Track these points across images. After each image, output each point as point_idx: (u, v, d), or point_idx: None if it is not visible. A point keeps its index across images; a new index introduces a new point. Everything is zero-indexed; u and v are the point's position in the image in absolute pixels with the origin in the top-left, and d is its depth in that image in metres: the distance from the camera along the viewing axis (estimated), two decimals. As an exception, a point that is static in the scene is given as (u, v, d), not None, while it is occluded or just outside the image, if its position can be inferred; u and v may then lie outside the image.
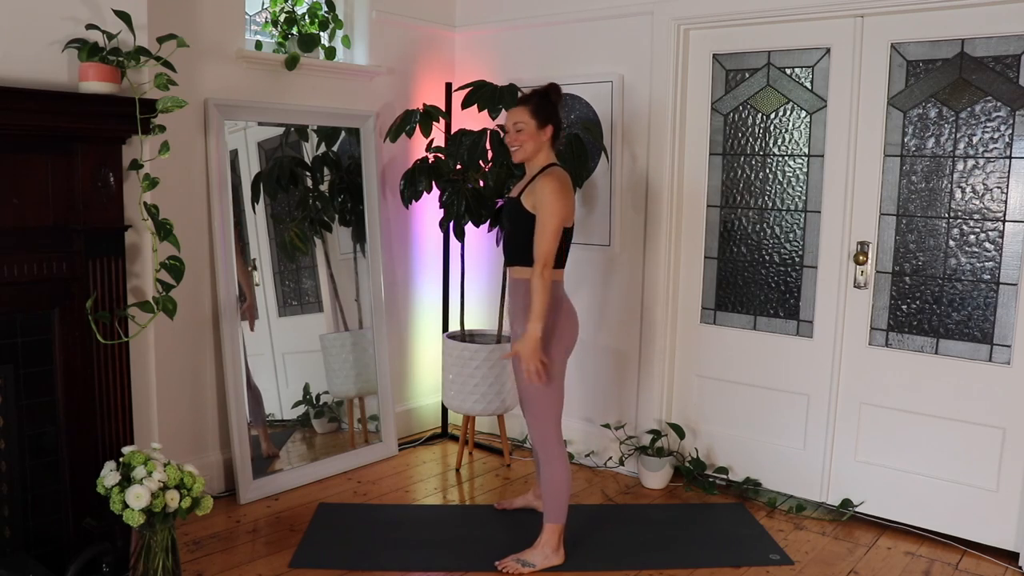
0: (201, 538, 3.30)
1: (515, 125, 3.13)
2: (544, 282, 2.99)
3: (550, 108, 3.15)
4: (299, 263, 4.01)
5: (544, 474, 3.15)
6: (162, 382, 3.25)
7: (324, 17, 4.03)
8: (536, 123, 3.12)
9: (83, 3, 2.71)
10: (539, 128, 3.12)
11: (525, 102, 3.16)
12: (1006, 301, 3.27)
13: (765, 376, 3.84)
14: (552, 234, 3.01)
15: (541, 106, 3.13)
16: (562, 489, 3.13)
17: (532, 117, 3.12)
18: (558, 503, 3.13)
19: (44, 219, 2.66)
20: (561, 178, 3.08)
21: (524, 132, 3.12)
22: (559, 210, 3.01)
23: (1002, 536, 3.30)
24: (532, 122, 3.12)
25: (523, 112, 3.13)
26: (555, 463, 3.13)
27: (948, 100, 3.33)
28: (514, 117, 3.14)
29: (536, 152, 3.14)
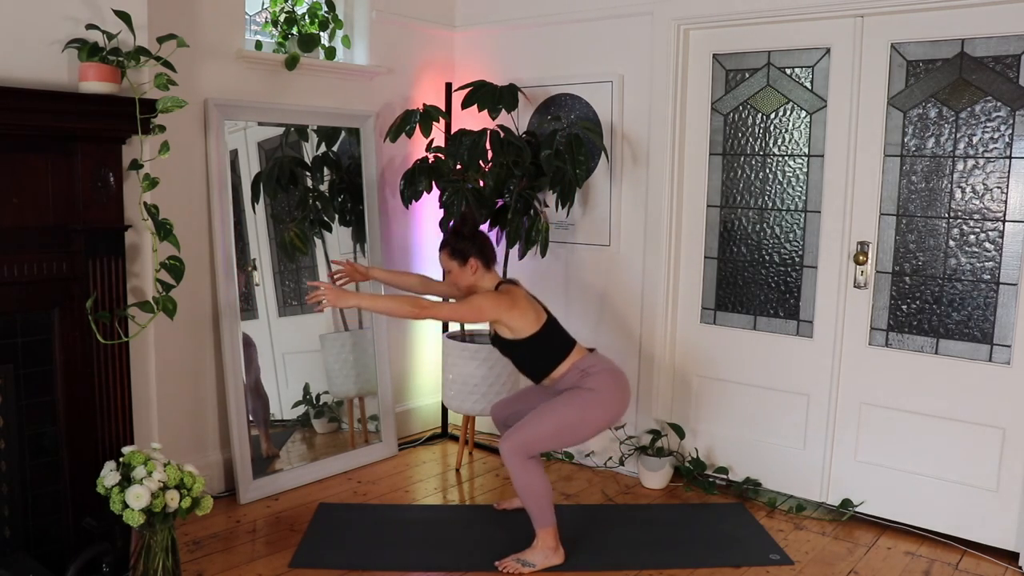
0: (201, 538, 3.30)
1: (445, 269, 3.30)
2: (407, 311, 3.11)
3: (466, 243, 3.26)
4: (299, 263, 4.01)
5: (518, 485, 3.12)
6: (162, 382, 3.25)
7: (324, 17, 4.03)
8: (457, 263, 3.26)
9: (83, 3, 2.71)
10: (462, 267, 3.26)
11: (442, 247, 3.30)
12: (1006, 301, 3.27)
13: (765, 376, 3.84)
14: (460, 314, 3.21)
15: (456, 245, 3.26)
16: (541, 494, 3.11)
17: (451, 259, 3.27)
18: (541, 509, 3.12)
19: (44, 219, 2.66)
20: (504, 293, 3.21)
21: (453, 275, 3.28)
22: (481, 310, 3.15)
23: (1002, 536, 3.30)
24: (454, 263, 3.27)
25: (443, 258, 3.30)
26: (524, 473, 3.09)
27: (948, 100, 3.33)
28: (440, 263, 3.31)
29: (477, 283, 3.27)
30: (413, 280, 3.65)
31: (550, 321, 3.26)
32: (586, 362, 3.22)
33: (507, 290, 3.24)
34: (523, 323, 3.19)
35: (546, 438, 3.12)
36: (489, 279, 3.30)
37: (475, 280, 3.27)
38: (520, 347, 3.25)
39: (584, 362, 3.22)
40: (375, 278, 3.63)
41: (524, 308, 3.20)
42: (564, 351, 3.25)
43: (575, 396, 3.15)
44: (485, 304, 3.15)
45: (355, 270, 3.56)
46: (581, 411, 3.13)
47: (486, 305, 3.15)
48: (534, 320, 3.21)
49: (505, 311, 3.16)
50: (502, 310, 3.16)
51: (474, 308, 3.16)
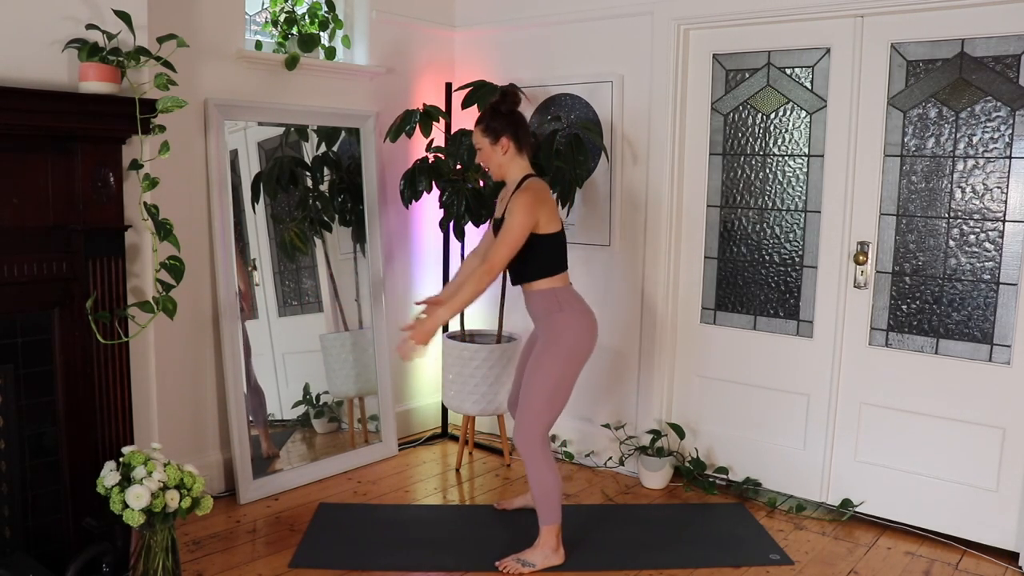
0: (201, 538, 3.30)
1: (476, 146, 3.17)
2: (478, 284, 3.00)
3: (502, 120, 3.13)
4: (299, 263, 4.01)
5: (531, 478, 3.13)
6: (162, 382, 3.25)
7: (324, 17, 4.03)
8: (489, 141, 3.14)
9: (83, 3, 2.71)
10: (493, 145, 3.13)
11: (477, 123, 3.17)
12: (1006, 301, 3.27)
13: (765, 376, 3.84)
14: (510, 245, 3.02)
15: (491, 123, 3.13)
16: (551, 490, 3.11)
17: (484, 136, 3.15)
18: (550, 504, 3.13)
19: (44, 219, 2.66)
20: (536, 188, 3.08)
21: (483, 152, 3.16)
22: (524, 223, 3.01)
23: (1002, 536, 3.30)
24: (485, 140, 3.14)
25: (476, 134, 3.17)
26: (541, 465, 3.10)
27: (948, 100, 3.33)
28: (472, 140, 3.17)
29: (506, 166, 3.16)
30: (468, 267, 3.48)
31: (561, 234, 3.16)
32: (564, 294, 3.14)
33: (530, 186, 3.09)
34: (546, 220, 3.06)
35: (542, 411, 3.10)
36: (519, 165, 3.15)
37: (504, 161, 3.14)
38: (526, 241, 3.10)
39: (562, 293, 3.14)
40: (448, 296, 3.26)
41: (549, 208, 3.08)
42: (554, 268, 3.14)
43: (543, 358, 3.09)
44: (521, 218, 2.99)
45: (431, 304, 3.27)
46: (553, 369, 3.08)
47: (522, 218, 2.99)
48: (552, 222, 3.08)
49: (539, 206, 3.03)
50: (536, 206, 3.02)
51: (517, 230, 2.99)
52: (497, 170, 3.18)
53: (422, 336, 3.03)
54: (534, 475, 3.11)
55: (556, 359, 3.10)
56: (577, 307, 3.16)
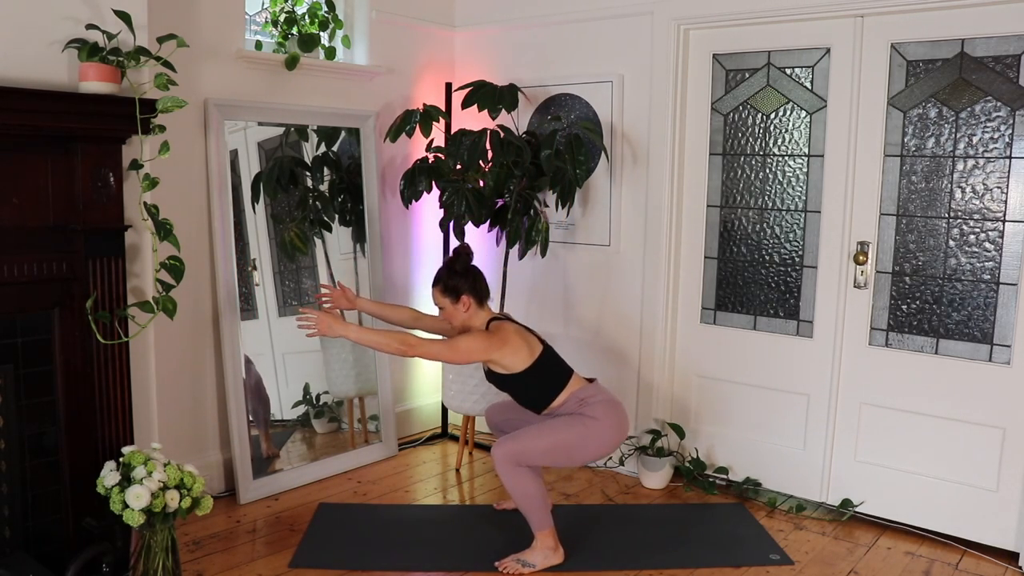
0: (201, 538, 3.30)
1: (438, 306, 3.27)
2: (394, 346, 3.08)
3: (459, 279, 3.23)
4: (299, 263, 4.01)
5: (511, 491, 3.12)
6: (162, 382, 3.24)
7: (324, 17, 4.03)
8: (450, 300, 3.23)
9: (83, 3, 2.71)
10: (455, 304, 3.23)
11: (434, 284, 3.27)
12: (1006, 301, 3.27)
13: (765, 376, 3.84)
14: (446, 355, 3.16)
15: (448, 282, 3.23)
16: (535, 497, 3.11)
17: (444, 296, 3.24)
18: (537, 512, 3.13)
19: (44, 219, 2.66)
20: (495, 332, 3.17)
21: (446, 312, 3.26)
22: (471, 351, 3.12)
23: (1002, 536, 3.30)
24: (446, 300, 3.24)
25: (435, 295, 3.27)
26: (518, 478, 3.09)
27: (948, 100, 3.33)
28: (433, 300, 3.28)
29: (468, 321, 3.24)
30: (404, 315, 3.58)
31: (545, 353, 3.23)
32: (585, 392, 3.21)
33: (497, 327, 3.19)
34: (515, 360, 3.16)
35: (539, 454, 3.10)
36: (481, 317, 3.25)
37: (468, 318, 3.23)
38: (516, 381, 3.23)
39: (583, 392, 3.21)
40: (362, 309, 3.57)
41: (516, 345, 3.15)
42: (561, 382, 3.22)
43: (575, 421, 3.13)
44: (474, 346, 3.11)
45: (343, 296, 3.51)
46: (581, 437, 3.11)
47: (475, 347, 3.12)
48: (527, 355, 3.17)
49: (496, 351, 3.13)
50: (492, 351, 3.12)
51: (463, 351, 3.12)
52: (461, 326, 3.26)
53: (325, 328, 3.10)
54: (514, 488, 3.11)
55: (588, 432, 3.12)
56: (605, 397, 3.22)
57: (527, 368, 3.17)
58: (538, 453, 3.10)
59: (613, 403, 3.21)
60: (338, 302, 3.51)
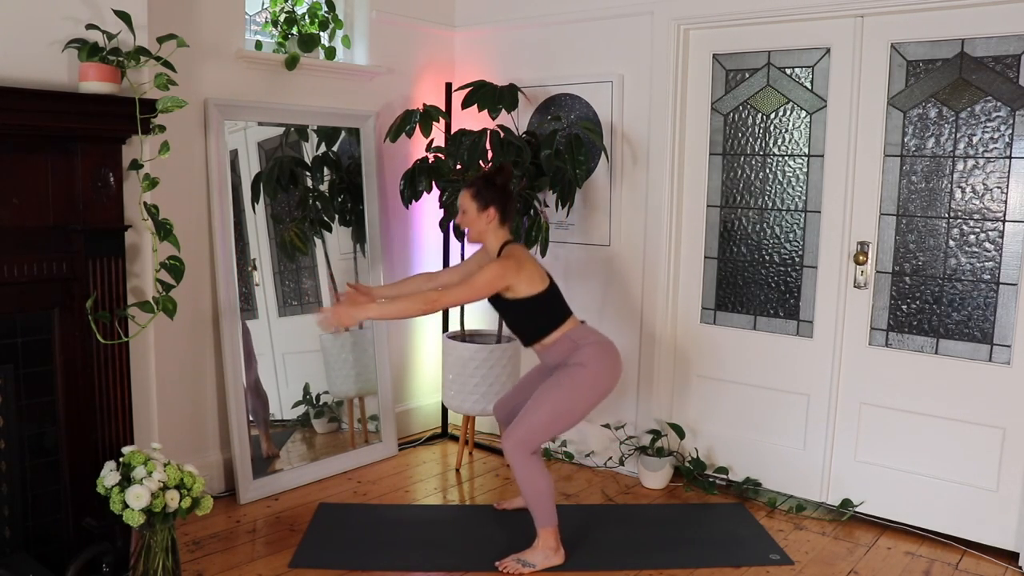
0: (201, 538, 3.30)
1: (461, 208, 3.22)
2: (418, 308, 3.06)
3: (493, 191, 3.20)
4: (299, 263, 4.01)
5: (521, 483, 3.12)
6: (162, 382, 3.25)
7: (324, 17, 4.03)
8: (477, 206, 3.19)
9: (83, 3, 2.71)
10: (480, 211, 3.19)
11: (468, 185, 3.24)
12: (1006, 301, 3.27)
13: (765, 376, 3.84)
14: (468, 295, 3.12)
15: (482, 190, 3.19)
16: (544, 493, 3.11)
17: (472, 201, 3.20)
18: (544, 507, 3.13)
19: (44, 219, 2.66)
20: (515, 257, 3.15)
21: (467, 216, 3.22)
22: (491, 282, 3.10)
23: (1002, 536, 3.30)
24: (473, 205, 3.20)
25: (465, 196, 3.22)
26: (531, 471, 3.09)
27: (948, 100, 3.33)
28: (459, 201, 3.24)
29: (484, 234, 3.22)
30: (417, 282, 3.56)
31: (552, 287, 3.22)
32: (577, 332, 3.19)
33: (511, 252, 3.18)
34: (528, 285, 3.13)
35: (544, 427, 3.10)
36: (499, 236, 3.22)
37: (486, 230, 3.20)
38: (517, 307, 3.19)
39: (575, 333, 3.19)
40: (380, 296, 3.52)
41: (530, 270, 3.15)
42: (559, 319, 3.21)
43: (563, 378, 3.12)
44: (492, 275, 3.08)
45: (359, 293, 3.47)
46: (572, 392, 3.11)
47: (492, 277, 3.08)
48: (538, 282, 3.16)
49: (513, 276, 3.10)
50: (509, 276, 3.10)
51: (483, 283, 3.08)
52: (476, 236, 3.25)
53: (345, 319, 3.11)
54: (524, 481, 3.11)
55: (577, 384, 3.12)
56: (595, 338, 3.20)
57: (534, 295, 3.15)
58: (542, 426, 3.09)
59: (603, 344, 3.20)
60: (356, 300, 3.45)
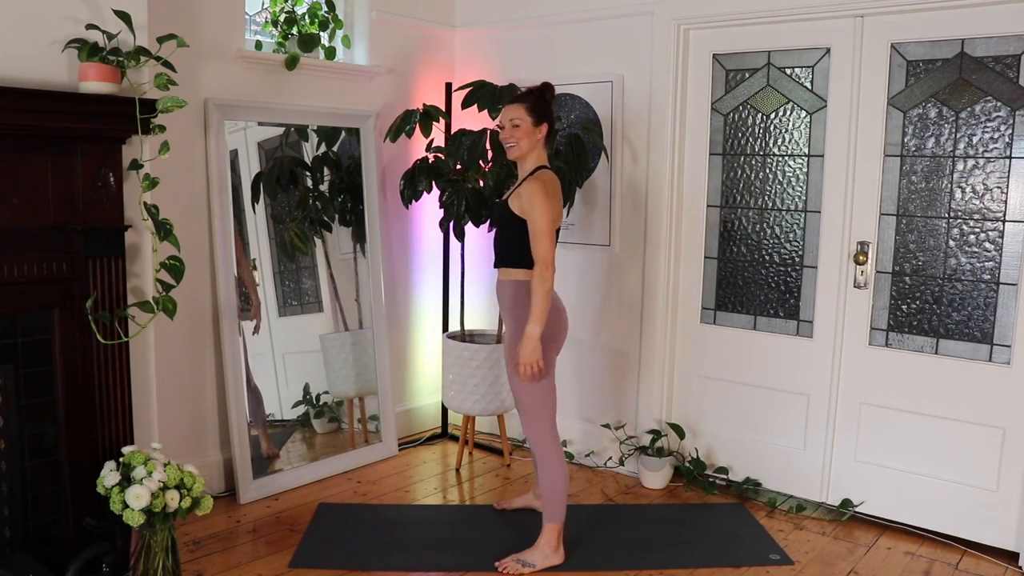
0: (201, 538, 3.30)
1: (512, 121, 3.10)
2: (545, 284, 2.98)
3: (545, 107, 3.13)
4: (299, 263, 4.01)
5: (541, 475, 3.15)
6: (162, 382, 3.25)
7: (324, 17, 4.03)
8: (532, 120, 3.09)
9: (83, 3, 2.71)
10: (535, 126, 3.10)
11: (522, 99, 3.14)
12: (1006, 301, 3.27)
13: (765, 376, 3.84)
14: (544, 235, 2.99)
15: (537, 104, 3.11)
16: (560, 489, 3.13)
17: (528, 114, 3.09)
18: (556, 503, 3.14)
19: (44, 219, 2.66)
20: (548, 180, 3.07)
21: (521, 129, 3.09)
22: (547, 210, 2.99)
23: (1002, 536, 3.30)
24: (528, 119, 3.09)
25: (520, 109, 3.10)
26: (551, 463, 3.13)
27: (948, 100, 3.33)
28: (510, 113, 3.11)
29: (530, 151, 3.12)
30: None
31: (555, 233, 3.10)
32: None
33: (544, 177, 3.07)
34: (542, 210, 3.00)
35: (540, 407, 3.11)
36: (540, 156, 3.13)
37: (535, 145, 3.10)
38: (516, 225, 3.08)
39: None
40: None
41: (554, 200, 3.05)
42: None
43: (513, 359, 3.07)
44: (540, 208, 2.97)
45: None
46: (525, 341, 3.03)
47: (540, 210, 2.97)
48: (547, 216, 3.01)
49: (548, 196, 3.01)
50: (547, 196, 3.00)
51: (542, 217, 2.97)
52: (525, 150, 3.11)
53: (529, 357, 2.99)
54: (546, 472, 3.13)
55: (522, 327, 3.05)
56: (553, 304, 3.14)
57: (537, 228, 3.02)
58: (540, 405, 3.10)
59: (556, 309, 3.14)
60: None
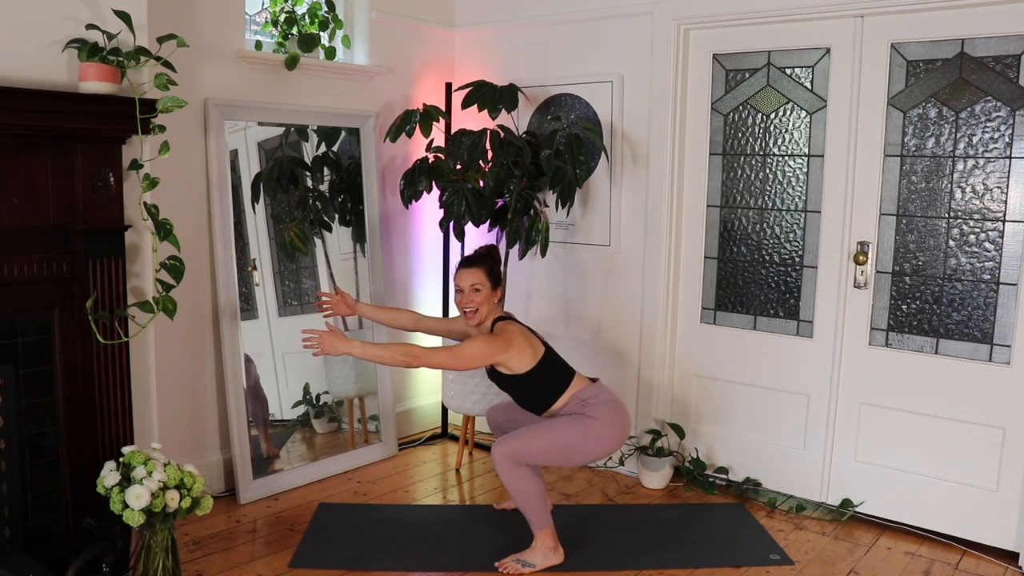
0: (201, 538, 3.30)
1: (472, 286, 3.21)
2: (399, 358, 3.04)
3: (498, 269, 3.26)
4: (299, 263, 4.01)
5: (511, 489, 3.11)
6: (162, 382, 3.25)
7: (324, 17, 4.03)
8: (491, 285, 3.23)
9: (83, 3, 2.72)
10: (492, 291, 3.24)
11: (477, 263, 3.24)
12: (1006, 301, 3.27)
13: (765, 376, 3.84)
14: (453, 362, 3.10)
15: (493, 269, 3.23)
16: (535, 496, 3.10)
17: (488, 279, 3.22)
18: (536, 511, 3.13)
19: (44, 219, 2.66)
20: (501, 334, 3.15)
21: (481, 294, 3.22)
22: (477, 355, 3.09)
23: (1002, 536, 3.30)
24: (488, 283, 3.22)
25: (479, 274, 3.22)
26: (518, 477, 3.08)
27: (948, 100, 3.33)
28: (471, 278, 3.22)
29: (491, 312, 3.25)
30: (404, 318, 3.57)
31: (547, 354, 3.22)
32: (587, 392, 3.20)
33: (501, 329, 3.18)
34: (520, 361, 3.15)
35: (538, 453, 3.10)
36: (496, 311, 3.29)
37: (491, 308, 3.25)
38: (518, 382, 3.22)
39: (585, 392, 3.20)
40: (362, 314, 3.57)
41: (520, 346, 3.14)
42: (563, 383, 3.21)
43: (576, 421, 3.12)
44: (479, 351, 3.09)
45: (342, 302, 3.49)
46: (581, 437, 3.10)
47: (479, 353, 3.10)
48: (531, 356, 3.16)
49: (501, 353, 3.11)
50: (498, 354, 3.11)
51: (467, 357, 3.09)
52: (484, 315, 3.24)
53: (329, 348, 3.05)
54: (512, 486, 3.11)
55: (588, 432, 3.10)
56: (606, 397, 3.20)
57: (530, 370, 3.17)
58: (537, 452, 3.09)
59: (615, 403, 3.21)
60: (337, 308, 3.50)
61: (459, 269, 3.28)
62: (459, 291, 3.24)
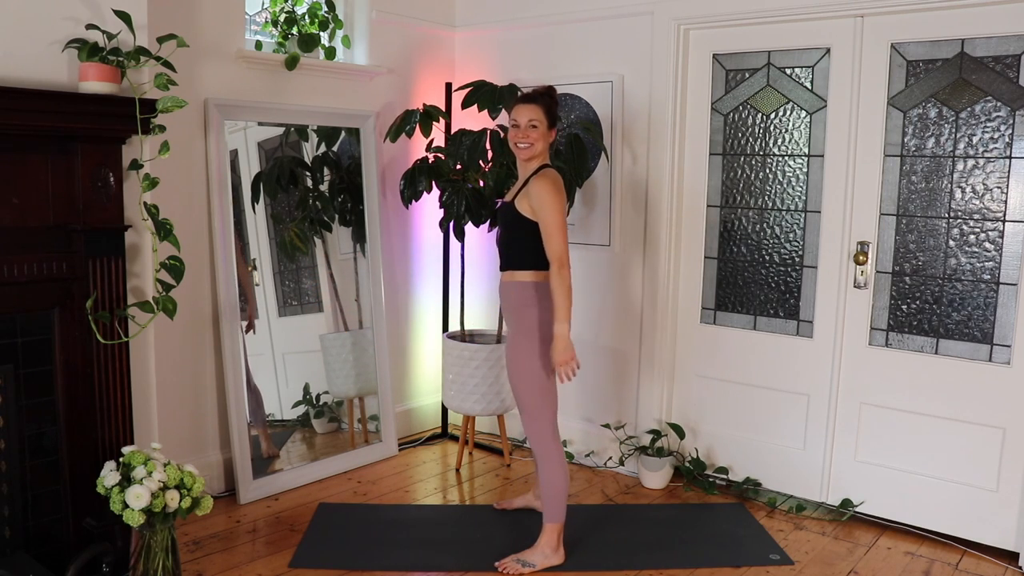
0: (201, 538, 3.30)
1: (530, 121, 3.11)
2: (564, 282, 2.99)
3: (556, 110, 3.19)
4: (299, 263, 4.01)
5: (542, 474, 3.15)
6: (162, 382, 3.25)
7: (324, 17, 4.03)
8: (548, 123, 3.14)
9: (83, 3, 2.71)
10: (549, 128, 3.15)
11: (539, 101, 3.15)
12: (1006, 301, 3.27)
13: (765, 376, 3.84)
14: (559, 232, 3.01)
15: (552, 108, 3.17)
16: (560, 488, 3.13)
17: (546, 116, 3.14)
18: (556, 502, 3.14)
19: (44, 219, 2.66)
20: (554, 178, 3.10)
21: (538, 130, 3.12)
22: (560, 207, 3.03)
23: (1002, 536, 3.30)
24: (546, 121, 3.14)
25: (538, 110, 3.13)
26: (552, 462, 3.13)
27: (948, 100, 3.33)
28: (530, 114, 3.12)
29: (544, 152, 3.16)
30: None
31: None
32: (543, 290, 3.10)
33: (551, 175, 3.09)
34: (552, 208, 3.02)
35: (540, 408, 3.12)
36: (545, 156, 3.17)
37: (544, 148, 3.14)
38: (524, 226, 3.09)
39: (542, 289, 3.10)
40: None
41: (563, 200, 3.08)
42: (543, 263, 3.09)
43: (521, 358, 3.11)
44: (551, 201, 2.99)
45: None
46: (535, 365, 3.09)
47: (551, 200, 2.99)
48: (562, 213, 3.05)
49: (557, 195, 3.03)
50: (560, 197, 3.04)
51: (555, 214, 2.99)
52: (537, 152, 3.12)
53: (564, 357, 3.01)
54: (547, 472, 3.13)
55: (533, 355, 3.11)
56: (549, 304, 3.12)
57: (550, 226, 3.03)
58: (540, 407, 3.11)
59: None
60: None
61: (517, 104, 3.18)
62: (515, 125, 3.14)
